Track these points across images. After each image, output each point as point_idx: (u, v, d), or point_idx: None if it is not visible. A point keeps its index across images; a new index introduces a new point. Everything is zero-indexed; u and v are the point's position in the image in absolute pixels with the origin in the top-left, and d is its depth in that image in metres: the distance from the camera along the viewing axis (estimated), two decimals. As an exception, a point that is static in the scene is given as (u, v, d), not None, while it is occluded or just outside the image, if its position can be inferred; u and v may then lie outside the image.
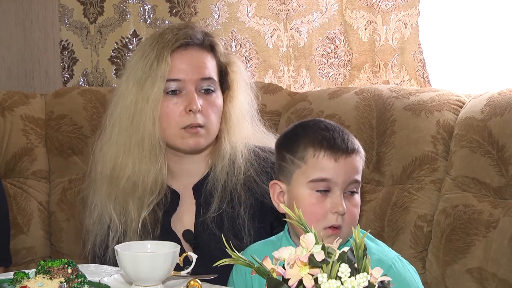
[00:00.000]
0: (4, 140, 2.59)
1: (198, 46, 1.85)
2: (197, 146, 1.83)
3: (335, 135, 1.57)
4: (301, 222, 1.15)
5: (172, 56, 1.81)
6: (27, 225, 2.56)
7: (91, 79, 2.95)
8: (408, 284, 1.55)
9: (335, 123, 1.63)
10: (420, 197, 2.08)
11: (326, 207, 1.54)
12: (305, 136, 1.58)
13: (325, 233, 1.52)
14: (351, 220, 1.56)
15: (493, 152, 1.98)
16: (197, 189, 1.87)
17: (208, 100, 1.83)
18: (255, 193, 1.83)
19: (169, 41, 1.81)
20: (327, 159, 1.55)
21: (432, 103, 2.14)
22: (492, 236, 1.92)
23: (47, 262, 1.42)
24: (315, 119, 1.65)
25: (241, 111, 1.88)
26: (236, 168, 1.83)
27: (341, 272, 1.06)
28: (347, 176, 1.55)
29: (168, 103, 1.80)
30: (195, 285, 1.43)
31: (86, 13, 2.94)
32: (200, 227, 1.82)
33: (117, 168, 1.83)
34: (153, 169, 1.81)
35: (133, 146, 1.81)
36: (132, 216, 1.82)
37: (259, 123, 1.93)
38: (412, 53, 2.42)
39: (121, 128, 1.83)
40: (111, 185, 1.84)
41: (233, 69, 1.89)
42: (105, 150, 1.86)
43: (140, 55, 1.84)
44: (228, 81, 1.89)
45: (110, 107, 1.89)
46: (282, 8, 2.61)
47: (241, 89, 1.89)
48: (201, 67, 1.83)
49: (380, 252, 1.57)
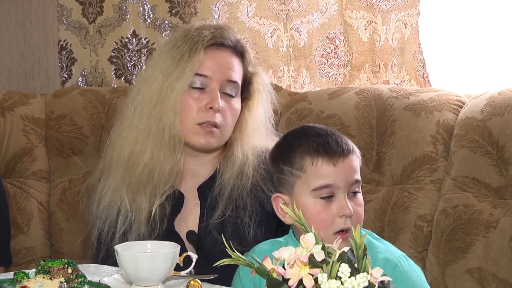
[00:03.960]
0: (4, 140, 2.59)
1: (231, 49, 1.86)
2: (208, 146, 1.83)
3: (329, 140, 1.57)
4: (301, 223, 1.15)
5: (205, 52, 1.82)
6: (27, 225, 2.56)
7: (89, 79, 2.95)
8: (414, 282, 1.55)
9: (325, 127, 1.63)
10: (420, 197, 2.08)
11: (332, 212, 1.54)
12: (299, 145, 1.58)
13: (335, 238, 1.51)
14: (358, 220, 1.57)
15: (493, 152, 1.98)
16: (202, 190, 1.87)
17: (229, 102, 1.83)
18: (262, 201, 1.83)
19: (204, 37, 1.83)
20: (325, 165, 1.55)
21: (432, 103, 2.14)
22: (492, 236, 1.92)
23: (47, 262, 1.42)
24: (304, 126, 1.65)
25: (257, 122, 1.89)
26: (244, 176, 1.83)
27: (341, 272, 1.06)
28: (348, 178, 1.55)
29: (190, 96, 1.81)
30: (195, 285, 1.43)
31: (85, 13, 2.94)
32: (203, 231, 1.82)
33: (135, 154, 1.82)
34: (170, 159, 1.80)
35: (152, 134, 1.81)
36: (142, 206, 1.81)
37: (274, 136, 1.92)
38: (412, 53, 2.42)
39: (142, 113, 1.83)
40: (126, 170, 1.83)
41: (257, 80, 1.91)
42: (124, 134, 1.85)
43: (172, 45, 1.84)
44: (250, 91, 1.90)
45: (132, 92, 1.89)
46: (282, 8, 2.61)
47: (262, 101, 1.90)
48: (229, 69, 1.84)
49: (387, 251, 1.58)
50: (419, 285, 1.56)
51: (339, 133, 1.61)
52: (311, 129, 1.61)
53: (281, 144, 1.65)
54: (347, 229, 1.54)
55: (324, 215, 1.54)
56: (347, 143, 1.59)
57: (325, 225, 1.53)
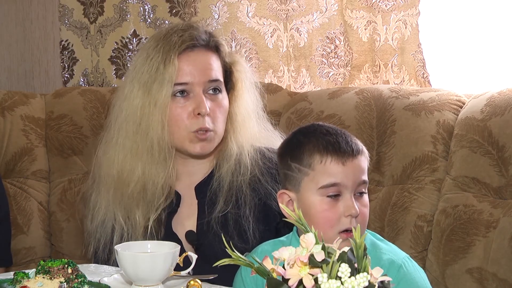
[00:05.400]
0: (4, 140, 2.59)
1: (204, 47, 1.83)
2: (204, 152, 1.82)
3: (339, 139, 1.57)
4: (301, 223, 1.14)
5: (179, 59, 1.79)
6: (27, 225, 2.56)
7: (91, 79, 2.95)
8: (418, 284, 1.56)
9: (335, 126, 1.63)
10: (420, 197, 2.08)
11: (338, 211, 1.54)
12: (308, 142, 1.58)
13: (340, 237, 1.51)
14: (363, 220, 1.57)
15: (493, 152, 1.98)
16: (199, 189, 1.86)
17: (215, 101, 1.82)
18: (259, 193, 1.82)
19: (175, 43, 1.80)
20: (334, 163, 1.55)
21: (432, 103, 2.14)
22: (492, 236, 1.92)
23: (47, 262, 1.42)
24: (314, 124, 1.64)
25: (246, 110, 1.87)
26: (242, 168, 1.82)
27: (341, 272, 1.06)
28: (356, 178, 1.55)
29: (176, 106, 1.79)
30: (195, 285, 1.43)
31: (86, 13, 2.94)
32: (205, 227, 1.81)
33: (125, 172, 1.80)
34: (163, 174, 1.79)
35: (141, 151, 1.79)
36: (137, 221, 1.80)
37: (265, 121, 1.92)
38: (412, 53, 2.42)
39: (128, 132, 1.81)
40: (117, 189, 1.81)
41: (237, 68, 1.89)
42: (111, 153, 1.83)
43: (145, 57, 1.82)
44: (233, 81, 1.88)
45: (114, 110, 1.86)
46: (282, 8, 2.61)
47: (246, 88, 1.88)
48: (207, 69, 1.82)
49: (391, 252, 1.58)
50: (422, 287, 1.56)
51: (348, 133, 1.61)
52: (321, 127, 1.61)
53: (290, 140, 1.64)
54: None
55: (330, 214, 1.54)
56: (356, 143, 1.58)
57: (330, 224, 1.53)
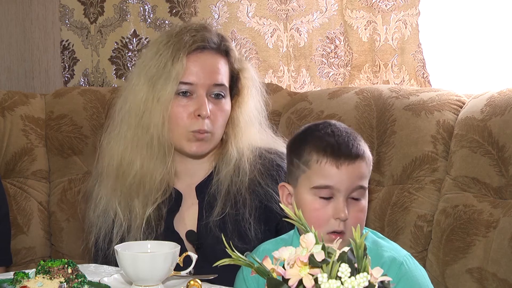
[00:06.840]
0: (4, 140, 2.59)
1: (214, 50, 1.84)
2: (199, 152, 1.83)
3: (340, 141, 1.55)
4: (301, 223, 1.14)
5: (188, 58, 1.80)
6: (27, 225, 2.56)
7: (91, 79, 2.95)
8: (419, 281, 1.56)
9: (346, 126, 1.61)
10: (420, 197, 2.08)
11: (328, 213, 1.54)
12: (310, 140, 1.57)
13: (328, 237, 1.51)
14: (356, 224, 1.55)
15: (493, 152, 1.98)
16: (200, 189, 1.87)
17: (218, 105, 1.82)
18: (260, 196, 1.82)
19: (186, 43, 1.80)
20: (329, 166, 1.54)
21: (432, 103, 2.14)
22: (492, 236, 1.92)
23: (47, 262, 1.42)
24: (325, 122, 1.62)
25: (249, 117, 1.88)
26: (241, 172, 1.82)
27: (341, 272, 1.06)
28: (350, 182, 1.54)
29: (178, 104, 1.80)
30: (195, 285, 1.43)
31: (86, 13, 2.94)
32: (205, 228, 1.82)
33: (125, 164, 1.82)
34: (161, 170, 1.80)
35: (141, 144, 1.80)
36: (137, 212, 1.81)
37: (268, 128, 1.92)
38: (412, 53, 2.42)
39: (130, 124, 1.82)
40: (117, 180, 1.83)
41: (245, 75, 1.89)
42: (112, 144, 1.85)
43: (154, 52, 1.82)
44: (238, 87, 1.88)
45: (119, 100, 1.88)
46: (282, 8, 2.61)
47: (251, 96, 1.89)
48: (214, 72, 1.82)
49: (392, 250, 1.58)
50: (423, 284, 1.56)
51: (356, 136, 1.59)
52: (329, 127, 1.59)
53: (298, 135, 1.64)
54: (341, 231, 1.53)
55: (319, 214, 1.54)
56: (358, 147, 1.56)
57: (319, 223, 1.52)
